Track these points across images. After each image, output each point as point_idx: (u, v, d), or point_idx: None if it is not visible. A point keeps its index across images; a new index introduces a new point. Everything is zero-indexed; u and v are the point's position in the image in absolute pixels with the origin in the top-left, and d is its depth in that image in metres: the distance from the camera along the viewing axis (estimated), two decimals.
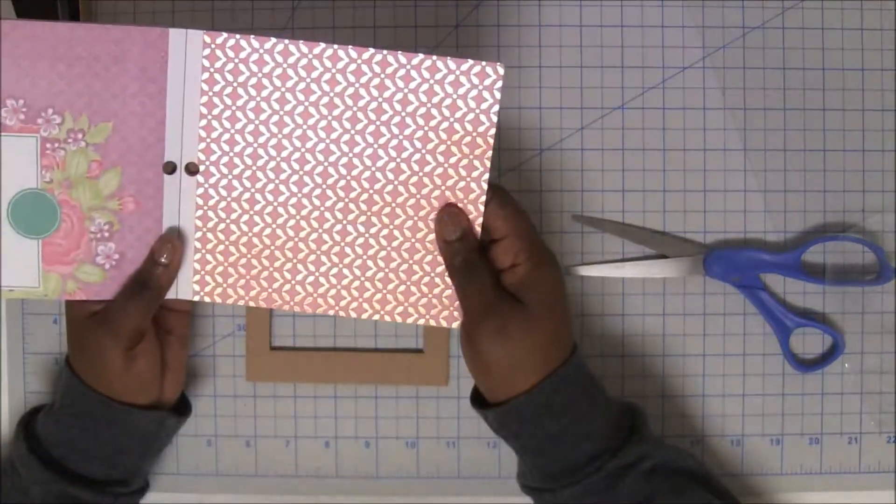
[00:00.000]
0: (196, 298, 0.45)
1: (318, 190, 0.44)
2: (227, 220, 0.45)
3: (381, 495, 0.55)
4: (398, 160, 0.44)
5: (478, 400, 0.47)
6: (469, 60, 0.42)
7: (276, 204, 0.44)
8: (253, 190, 0.44)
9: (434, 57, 0.43)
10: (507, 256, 0.44)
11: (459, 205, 0.44)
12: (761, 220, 0.55)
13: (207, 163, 0.44)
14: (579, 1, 0.55)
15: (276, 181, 0.44)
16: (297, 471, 0.56)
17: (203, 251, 0.45)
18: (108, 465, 0.47)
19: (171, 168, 0.44)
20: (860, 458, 0.55)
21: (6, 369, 0.55)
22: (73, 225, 0.44)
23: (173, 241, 0.44)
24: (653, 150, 0.55)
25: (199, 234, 0.45)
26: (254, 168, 0.44)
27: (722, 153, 0.55)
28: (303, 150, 0.44)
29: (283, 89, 0.43)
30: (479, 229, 0.44)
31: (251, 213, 0.44)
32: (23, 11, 0.52)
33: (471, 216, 0.44)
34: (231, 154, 0.44)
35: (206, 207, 0.44)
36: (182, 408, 0.51)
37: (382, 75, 0.43)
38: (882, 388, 0.55)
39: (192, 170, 0.44)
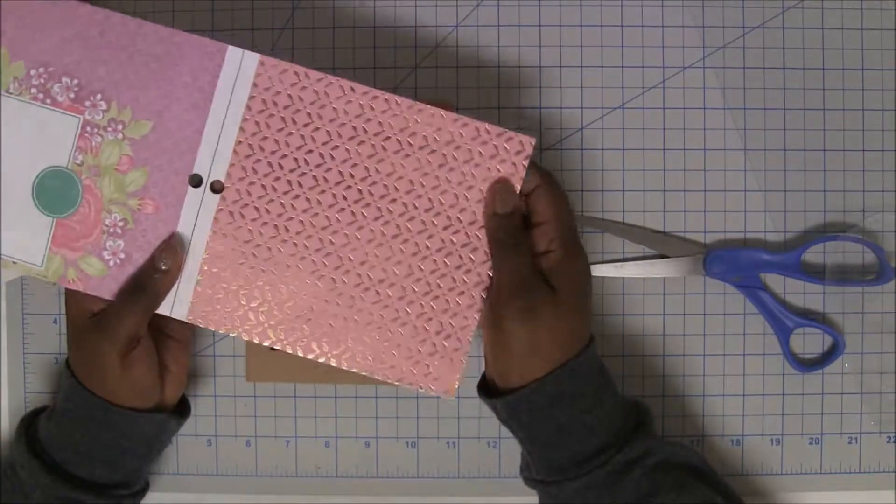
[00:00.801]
0: (187, 319, 0.45)
1: (337, 231, 0.44)
2: (237, 245, 0.44)
3: (381, 495, 0.55)
4: (421, 214, 0.44)
5: (485, 390, 0.46)
6: (504, 131, 0.43)
7: (291, 236, 0.44)
8: (270, 219, 0.44)
9: (473, 120, 0.43)
10: (543, 241, 0.44)
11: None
12: (761, 219, 0.55)
13: (232, 183, 0.44)
14: (579, 1, 0.55)
15: (297, 214, 0.44)
16: (297, 471, 0.56)
17: (205, 273, 0.44)
18: (110, 469, 0.47)
19: (197, 181, 0.44)
20: (860, 458, 0.55)
21: (6, 369, 0.55)
22: (90, 212, 0.44)
23: (176, 248, 0.44)
24: (653, 150, 0.55)
25: (205, 255, 0.44)
26: (275, 197, 0.44)
27: (722, 153, 0.55)
28: (330, 186, 0.44)
29: (319, 124, 0.43)
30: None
31: (263, 242, 0.44)
32: None
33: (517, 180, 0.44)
34: (257, 178, 0.44)
35: (220, 228, 0.44)
36: (182, 409, 0.51)
37: (421, 127, 0.43)
38: (882, 388, 0.55)
39: (216, 188, 0.44)
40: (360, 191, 0.44)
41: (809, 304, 0.55)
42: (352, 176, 0.44)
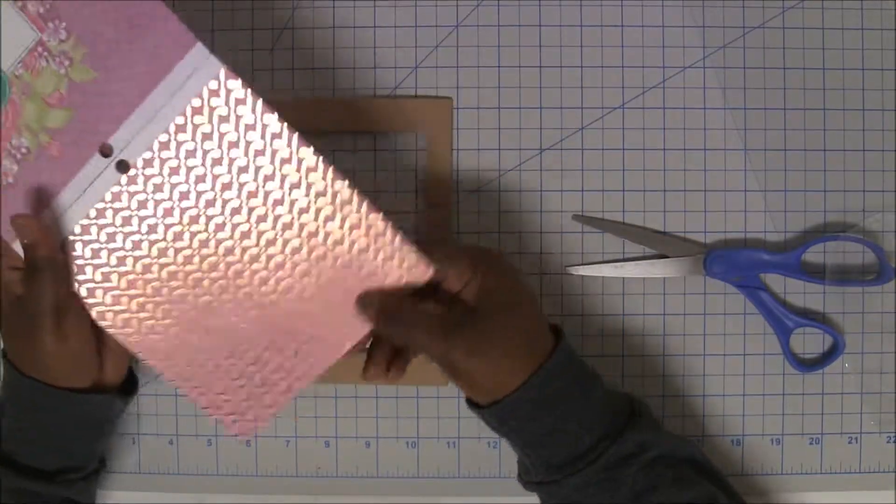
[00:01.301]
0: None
1: (208, 259, 0.44)
2: (120, 232, 0.44)
3: (381, 495, 0.55)
4: (297, 279, 0.44)
5: (471, 402, 0.47)
6: (407, 248, 0.43)
7: (167, 244, 0.44)
8: (157, 220, 0.44)
9: (391, 231, 0.43)
10: (457, 282, 0.45)
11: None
12: (761, 219, 0.55)
13: (140, 171, 0.43)
14: (579, 1, 0.55)
15: (180, 231, 0.44)
16: (297, 471, 0.56)
17: (84, 238, 0.44)
18: (61, 455, 0.47)
19: (108, 151, 0.43)
20: (860, 458, 0.55)
21: None
22: (4, 124, 0.44)
23: (17, 221, 0.43)
24: (653, 150, 0.55)
25: (87, 223, 0.44)
26: (171, 204, 0.44)
27: (722, 153, 0.55)
28: (213, 214, 0.43)
29: (248, 157, 0.43)
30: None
31: (142, 237, 0.44)
32: None
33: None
34: (165, 179, 0.43)
35: (109, 206, 0.44)
36: (129, 387, 0.50)
37: (326, 198, 0.43)
38: (882, 388, 0.55)
39: (122, 167, 0.43)
40: (246, 229, 0.44)
41: (809, 304, 0.55)
42: (238, 237, 0.44)
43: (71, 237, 0.44)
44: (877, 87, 0.55)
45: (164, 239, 0.44)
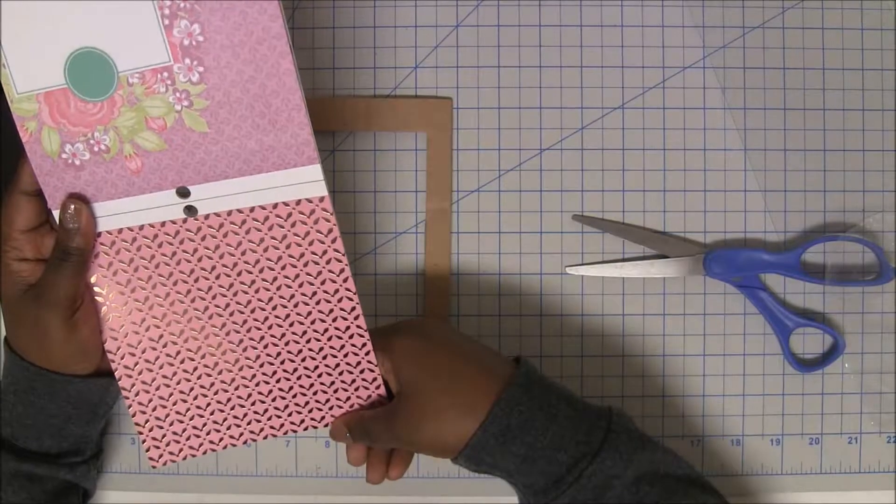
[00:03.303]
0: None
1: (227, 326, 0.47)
2: (155, 252, 0.46)
3: (380, 495, 0.55)
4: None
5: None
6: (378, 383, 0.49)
7: (192, 287, 0.46)
8: (193, 267, 0.46)
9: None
10: (387, 375, 0.48)
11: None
12: (761, 219, 0.55)
13: (202, 223, 0.45)
14: (579, 1, 0.55)
15: (202, 289, 0.46)
16: (297, 471, 0.56)
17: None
18: (58, 438, 0.48)
19: (185, 194, 0.44)
20: (860, 458, 0.55)
21: None
22: (97, 114, 0.42)
23: (75, 203, 0.43)
24: (653, 150, 0.55)
25: (130, 230, 0.45)
26: (214, 261, 0.46)
27: (722, 153, 0.55)
28: (250, 295, 0.46)
29: (300, 269, 0.46)
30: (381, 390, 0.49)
31: (175, 270, 0.46)
32: None
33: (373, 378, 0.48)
34: (219, 241, 0.45)
35: (158, 229, 0.45)
36: None
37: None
38: (882, 388, 0.55)
39: (189, 210, 0.44)
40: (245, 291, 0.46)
41: (809, 304, 0.55)
42: (251, 314, 0.47)
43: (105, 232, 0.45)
44: (877, 87, 0.55)
45: (189, 279, 0.46)
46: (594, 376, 0.55)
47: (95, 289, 0.46)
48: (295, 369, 0.48)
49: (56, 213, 0.44)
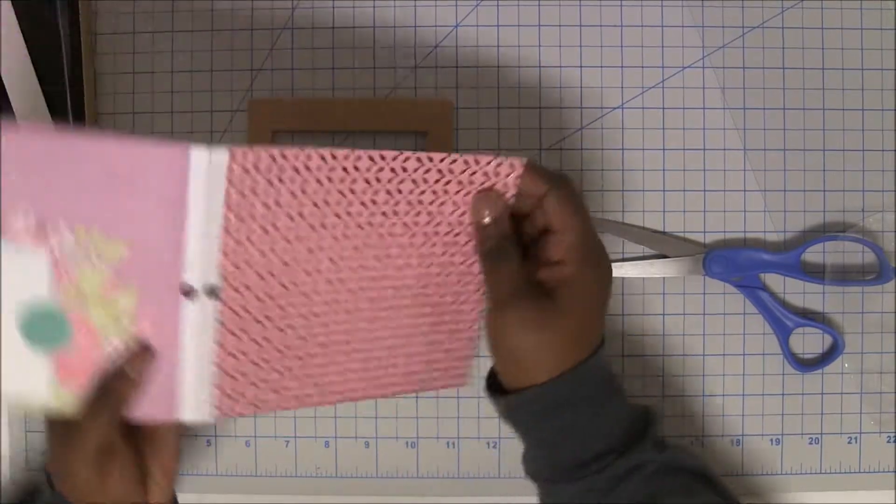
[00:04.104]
0: (216, 417, 0.43)
1: (336, 292, 0.44)
2: (247, 338, 0.43)
3: (381, 495, 0.55)
4: (414, 253, 0.44)
5: (492, 385, 0.46)
6: (493, 157, 0.42)
7: (295, 312, 0.43)
8: (270, 303, 0.42)
9: (463, 155, 0.42)
10: (556, 251, 0.43)
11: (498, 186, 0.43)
12: (761, 219, 0.55)
13: (226, 282, 0.41)
14: (579, 1, 0.55)
15: (296, 291, 0.43)
16: (297, 471, 0.56)
17: (222, 371, 0.43)
18: None
19: (189, 291, 0.40)
20: (860, 458, 0.55)
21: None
22: (88, 344, 0.41)
23: (149, 357, 0.41)
24: (652, 150, 0.55)
25: (217, 355, 0.42)
26: (271, 281, 0.42)
27: (722, 153, 0.55)
28: (320, 256, 0.42)
29: (300, 200, 0.41)
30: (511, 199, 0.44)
31: (269, 326, 0.43)
32: (23, 10, 0.52)
33: (506, 195, 0.43)
34: (249, 271, 0.41)
35: (224, 328, 0.42)
36: None
37: (408, 175, 0.42)
38: (882, 388, 0.55)
39: (211, 293, 0.41)
40: (350, 250, 0.43)
41: (809, 303, 0.55)
42: (343, 239, 0.43)
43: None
44: (877, 87, 0.55)
45: (287, 312, 0.43)
46: None
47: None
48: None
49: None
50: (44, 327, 0.40)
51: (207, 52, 0.55)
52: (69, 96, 0.53)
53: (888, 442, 0.55)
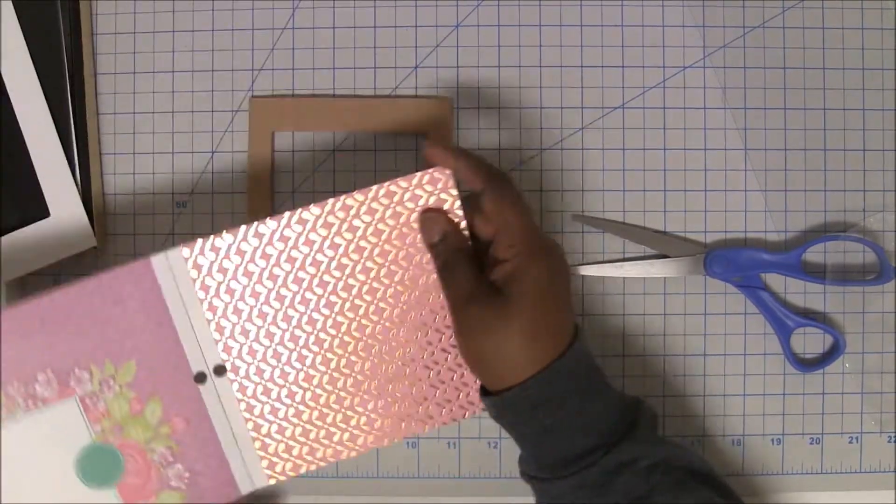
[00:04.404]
0: (271, 482, 0.47)
1: (337, 340, 0.46)
2: (270, 401, 0.46)
3: (381, 495, 0.55)
4: (394, 284, 0.46)
5: (484, 389, 0.46)
6: (417, 174, 0.45)
7: (305, 368, 0.46)
8: (280, 365, 0.46)
9: (387, 182, 0.45)
10: (501, 249, 0.43)
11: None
12: (762, 219, 0.55)
13: (231, 359, 0.45)
14: (579, 1, 0.55)
15: (297, 349, 0.46)
16: None
17: (260, 437, 0.46)
18: None
19: (201, 378, 0.45)
20: (861, 458, 0.55)
21: None
22: (137, 462, 0.45)
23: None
24: (653, 150, 0.55)
25: (251, 424, 0.46)
26: (273, 345, 0.45)
27: (722, 153, 0.55)
28: (309, 311, 0.45)
29: (269, 266, 0.45)
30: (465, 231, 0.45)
31: (287, 386, 0.46)
32: (23, 10, 0.52)
33: (451, 208, 0.45)
34: (248, 342, 0.45)
35: (247, 398, 0.46)
36: None
37: (349, 218, 0.45)
38: (882, 388, 0.55)
39: (220, 372, 0.45)
40: (338, 296, 0.46)
41: (810, 303, 0.55)
42: (324, 290, 0.45)
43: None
44: (877, 86, 0.55)
45: (300, 368, 0.46)
46: None
47: None
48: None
49: None
50: (98, 468, 0.45)
51: (208, 52, 0.55)
52: (69, 96, 0.53)
53: (889, 442, 0.55)
